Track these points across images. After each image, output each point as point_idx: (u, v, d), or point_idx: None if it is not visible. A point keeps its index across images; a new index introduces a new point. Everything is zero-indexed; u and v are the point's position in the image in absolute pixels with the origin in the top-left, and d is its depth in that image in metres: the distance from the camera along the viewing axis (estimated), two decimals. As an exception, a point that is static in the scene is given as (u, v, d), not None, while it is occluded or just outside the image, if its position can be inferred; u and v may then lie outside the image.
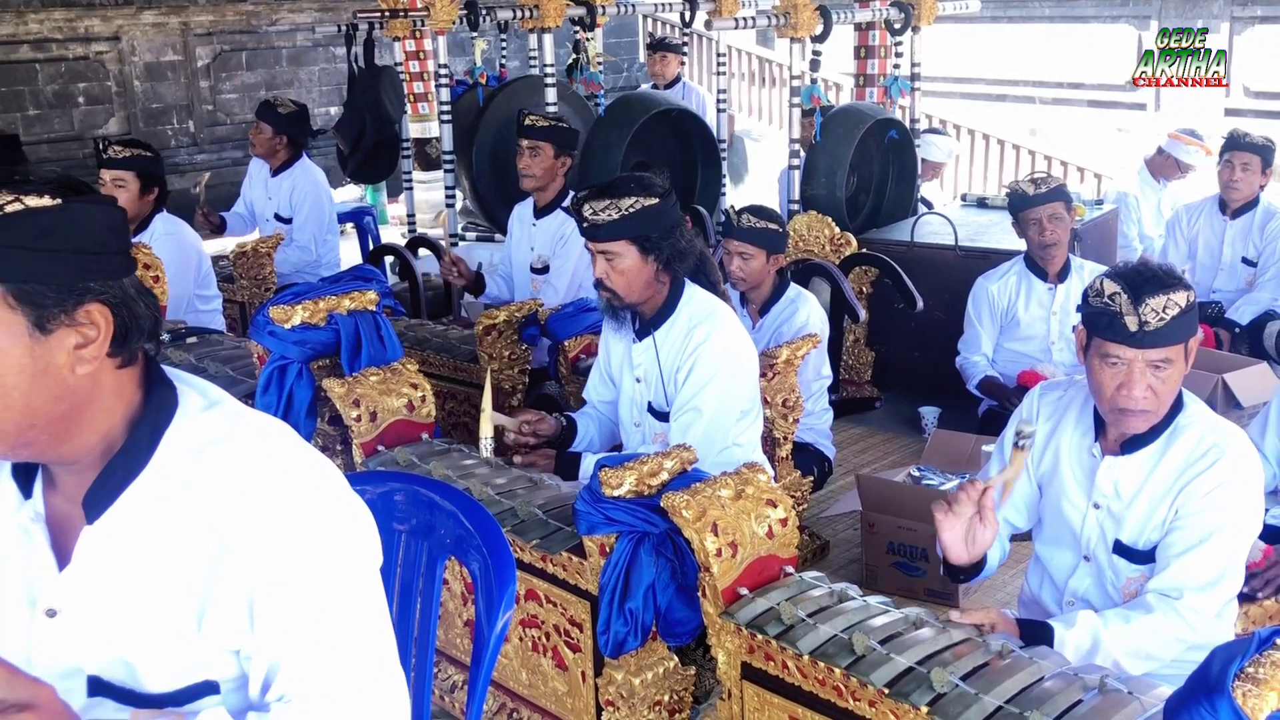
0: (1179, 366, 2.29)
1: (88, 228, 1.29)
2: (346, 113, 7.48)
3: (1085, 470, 2.48)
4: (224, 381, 3.55)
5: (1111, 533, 2.43)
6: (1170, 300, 2.22)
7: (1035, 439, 2.43)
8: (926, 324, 5.04)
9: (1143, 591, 2.37)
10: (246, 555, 1.33)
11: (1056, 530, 2.55)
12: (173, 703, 1.38)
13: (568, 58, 7.30)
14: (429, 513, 1.95)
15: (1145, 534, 2.38)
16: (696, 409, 3.04)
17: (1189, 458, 2.33)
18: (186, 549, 1.34)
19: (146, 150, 4.65)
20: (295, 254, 5.64)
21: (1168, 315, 2.22)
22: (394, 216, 9.78)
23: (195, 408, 1.41)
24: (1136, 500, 2.39)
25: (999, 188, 9.47)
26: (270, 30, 10.62)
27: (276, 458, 1.39)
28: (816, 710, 2.14)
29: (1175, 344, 2.26)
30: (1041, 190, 4.35)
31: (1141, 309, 2.22)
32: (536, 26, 6.02)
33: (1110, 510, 2.43)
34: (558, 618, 2.71)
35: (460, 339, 4.16)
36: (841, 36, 6.65)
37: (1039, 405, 2.60)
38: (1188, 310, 2.25)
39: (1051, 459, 2.55)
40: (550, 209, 4.71)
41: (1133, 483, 2.39)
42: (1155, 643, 2.28)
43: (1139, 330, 2.23)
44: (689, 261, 3.07)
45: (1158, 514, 2.36)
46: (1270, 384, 4.78)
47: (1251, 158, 5.37)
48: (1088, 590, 2.50)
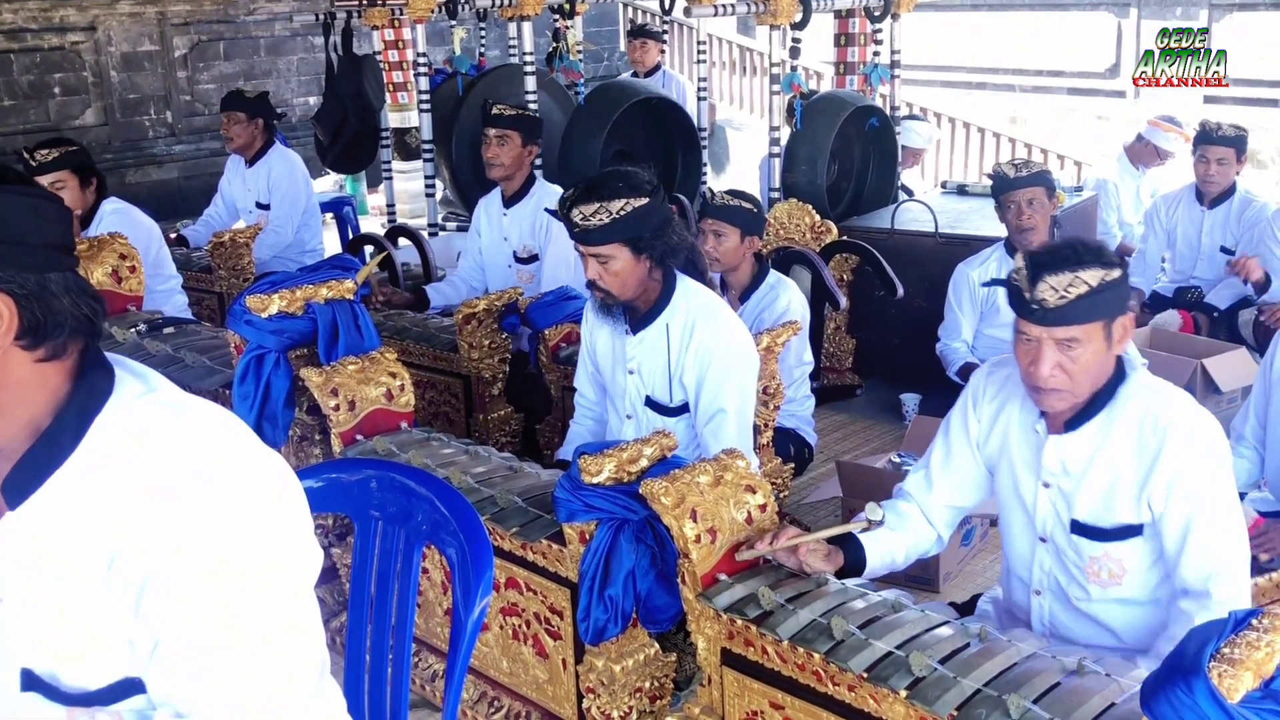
0: (1093, 347, 2.26)
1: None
2: (327, 102, 7.44)
3: (1032, 449, 2.46)
4: (201, 371, 3.53)
5: (1065, 512, 2.41)
6: (1077, 279, 2.20)
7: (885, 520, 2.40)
8: (907, 311, 5.04)
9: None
10: (150, 551, 1.27)
11: (1013, 513, 2.54)
12: (98, 701, 1.34)
13: (547, 46, 7.27)
14: (405, 499, 1.94)
15: (1109, 510, 2.36)
16: (723, 410, 3.04)
17: (1138, 432, 2.30)
18: (106, 540, 1.29)
19: (70, 145, 4.61)
20: (272, 238, 5.60)
21: (1070, 294, 2.20)
22: (374, 206, 9.74)
23: (131, 395, 1.36)
24: (1087, 477, 2.36)
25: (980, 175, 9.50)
26: (248, 20, 10.56)
27: (204, 451, 1.33)
28: (796, 695, 2.14)
29: (1083, 323, 2.23)
30: (1023, 174, 4.35)
31: (1039, 286, 2.21)
32: (516, 15, 6.00)
33: (1061, 489, 2.41)
34: (538, 605, 2.70)
35: (440, 328, 4.15)
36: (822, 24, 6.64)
37: (986, 384, 2.59)
38: (1101, 290, 2.21)
39: (1000, 439, 2.53)
40: (519, 197, 4.67)
41: (1080, 459, 2.37)
42: None
43: (1039, 307, 2.22)
44: (681, 256, 3.06)
45: (1120, 489, 2.33)
46: (1248, 369, 4.81)
47: (1225, 151, 5.39)
48: (1050, 575, 2.47)
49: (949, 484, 2.62)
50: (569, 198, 2.95)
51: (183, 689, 1.32)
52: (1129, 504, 2.33)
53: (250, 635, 1.31)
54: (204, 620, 1.29)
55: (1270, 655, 1.60)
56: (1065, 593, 2.46)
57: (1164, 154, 6.51)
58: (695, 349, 3.03)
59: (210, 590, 1.29)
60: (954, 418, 2.64)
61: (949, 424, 2.65)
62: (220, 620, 1.30)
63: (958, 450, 2.61)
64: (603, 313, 3.10)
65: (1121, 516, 2.34)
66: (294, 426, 3.29)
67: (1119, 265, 2.28)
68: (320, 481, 2.02)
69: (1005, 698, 1.83)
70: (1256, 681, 1.59)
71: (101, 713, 1.35)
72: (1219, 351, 4.89)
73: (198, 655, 1.30)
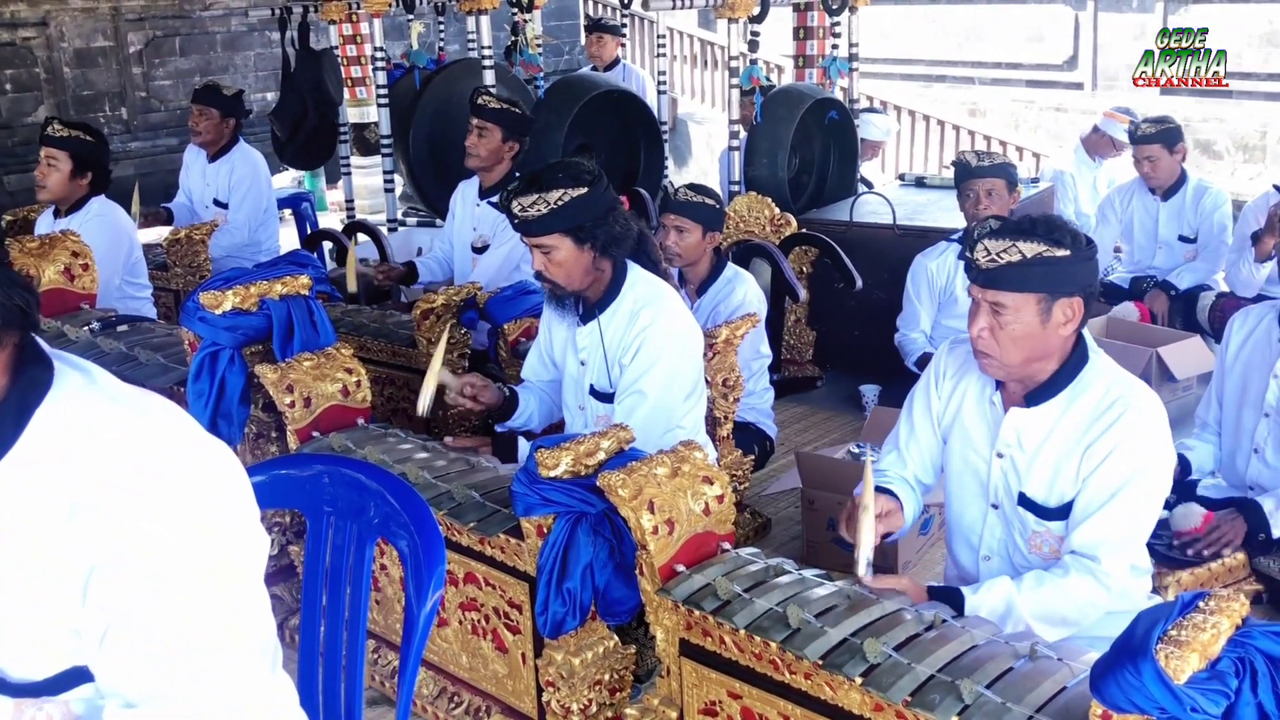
0: (1023, 318, 2.31)
1: None
2: (284, 98, 7.37)
3: (988, 421, 2.52)
4: (155, 369, 3.50)
5: (1015, 484, 2.47)
6: (1014, 247, 2.26)
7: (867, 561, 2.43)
8: (866, 303, 5.07)
9: (1062, 552, 2.41)
10: (94, 541, 1.27)
11: (964, 481, 2.60)
12: (45, 691, 1.34)
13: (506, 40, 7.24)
14: (357, 494, 1.92)
15: (1052, 489, 2.42)
16: (640, 392, 3.03)
17: (1093, 413, 2.36)
18: (49, 531, 1.29)
19: (89, 135, 4.64)
20: (228, 237, 5.55)
21: (1001, 259, 2.27)
22: (333, 202, 9.68)
23: (73, 388, 1.35)
24: (1040, 453, 2.43)
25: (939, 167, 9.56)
26: (204, 15, 10.44)
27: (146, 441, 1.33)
28: (753, 684, 2.15)
29: (1011, 290, 2.29)
30: (984, 163, 4.39)
31: (977, 247, 2.31)
32: (474, 8, 5.96)
33: (1013, 460, 2.47)
34: (496, 600, 2.70)
35: (398, 324, 4.12)
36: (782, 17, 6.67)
37: (947, 361, 2.66)
38: (1034, 262, 2.26)
39: (955, 410, 2.60)
40: (495, 190, 4.67)
41: (1036, 435, 2.43)
42: (1069, 606, 2.33)
43: (974, 267, 2.32)
44: (627, 244, 3.05)
45: (1065, 469, 2.39)
46: (1203, 357, 4.88)
47: (1151, 149, 5.44)
48: (1000, 541, 2.54)
49: (916, 460, 2.71)
50: (511, 190, 2.96)
51: (132, 678, 1.31)
52: (1071, 483, 2.38)
53: (198, 623, 1.31)
54: (151, 609, 1.29)
55: (1216, 637, 1.62)
56: (1011, 559, 2.52)
57: (1120, 145, 6.56)
58: (635, 333, 3.03)
59: (157, 579, 1.29)
60: (917, 395, 2.71)
61: (912, 401, 2.72)
62: (167, 609, 1.29)
63: (921, 427, 2.69)
64: (554, 303, 3.10)
65: (1064, 495, 2.40)
66: (250, 424, 3.26)
67: (1071, 247, 2.30)
68: (270, 478, 2.01)
69: (958, 683, 1.84)
70: (1203, 663, 1.61)
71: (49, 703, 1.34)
72: (1174, 340, 4.96)
73: (146, 644, 1.30)
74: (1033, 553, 2.48)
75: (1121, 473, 2.32)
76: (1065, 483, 2.40)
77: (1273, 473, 3.37)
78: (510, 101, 4.74)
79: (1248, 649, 1.63)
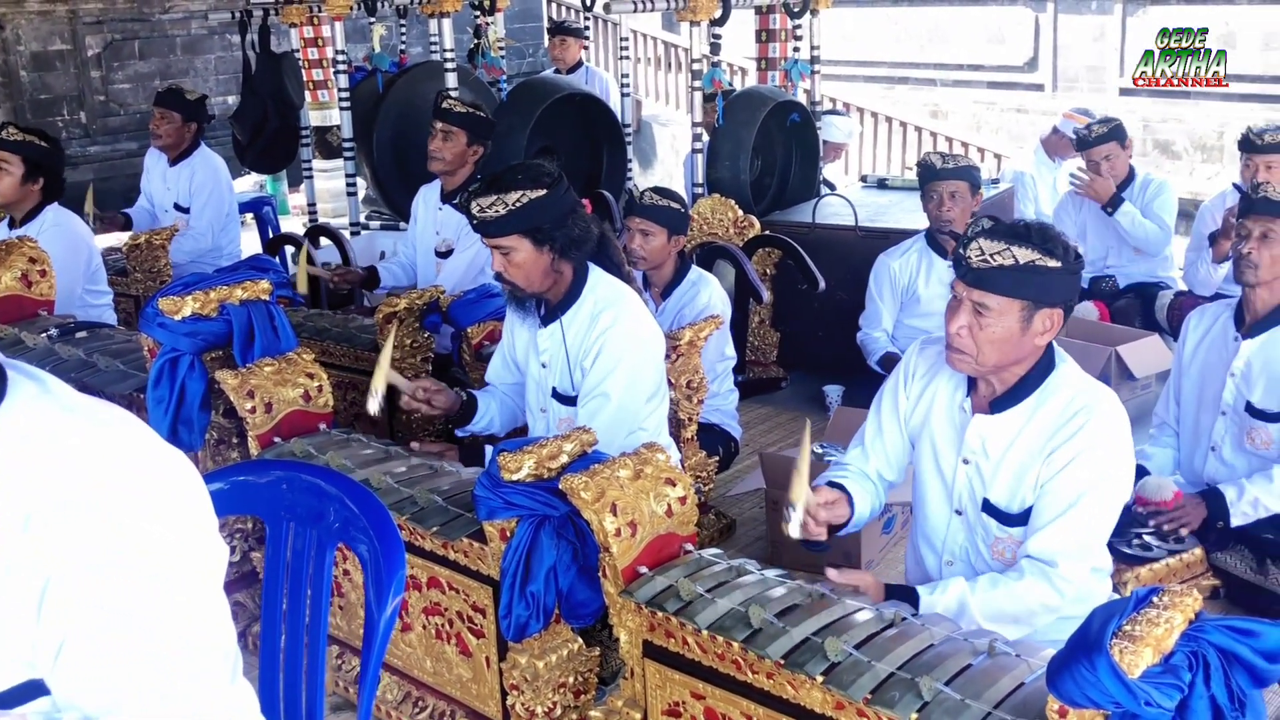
0: (1005, 322, 2.33)
1: None
2: (245, 101, 7.32)
3: (955, 426, 2.54)
4: (114, 376, 3.47)
5: (980, 490, 2.49)
6: (1007, 251, 2.28)
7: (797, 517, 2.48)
8: (830, 304, 5.09)
9: (1019, 556, 2.43)
10: (49, 553, 1.24)
11: (930, 485, 2.62)
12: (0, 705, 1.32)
13: (469, 43, 7.23)
14: (316, 500, 1.92)
15: (1015, 496, 2.44)
16: (604, 394, 3.03)
17: (1057, 420, 2.38)
18: (2, 544, 1.27)
19: (43, 140, 4.60)
20: (191, 243, 5.51)
21: (992, 261, 2.29)
22: (295, 206, 9.62)
23: (26, 397, 1.33)
24: (1005, 460, 2.45)
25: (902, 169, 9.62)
26: (163, 18, 10.35)
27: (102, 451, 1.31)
28: (716, 684, 2.16)
29: (998, 294, 2.31)
30: (948, 165, 4.43)
31: (971, 245, 2.32)
32: (436, 11, 5.95)
33: (979, 467, 2.49)
34: (460, 604, 2.69)
35: (360, 328, 4.10)
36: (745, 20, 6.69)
37: (917, 361, 2.67)
38: (1025, 269, 2.28)
39: (924, 412, 2.61)
40: (458, 194, 4.66)
41: (1001, 442, 2.45)
42: (1022, 608, 2.35)
43: (964, 264, 2.33)
44: (587, 247, 3.05)
45: (1027, 476, 2.41)
46: (1162, 355, 4.93)
47: (1109, 146, 5.49)
48: (963, 547, 2.57)
49: (880, 456, 2.73)
50: (471, 192, 2.97)
51: (90, 691, 1.30)
52: (1033, 490, 2.40)
53: (157, 634, 1.30)
54: (108, 621, 1.27)
55: (1169, 631, 1.65)
56: (973, 564, 2.54)
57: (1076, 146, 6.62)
58: (595, 336, 3.03)
59: (113, 590, 1.27)
60: (885, 393, 2.73)
61: (880, 399, 2.74)
62: (125, 620, 1.28)
63: (888, 425, 2.71)
64: (515, 305, 3.11)
65: (1026, 501, 2.42)
66: (211, 430, 3.24)
67: (1062, 260, 2.32)
68: (229, 484, 2.00)
69: (918, 680, 1.86)
70: (1157, 657, 1.64)
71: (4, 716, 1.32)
72: (1132, 339, 5.01)
73: (103, 657, 1.28)
74: (994, 559, 2.50)
75: (1081, 480, 2.34)
76: (1028, 489, 2.42)
77: (1229, 470, 3.42)
78: (474, 105, 4.73)
79: (1200, 643, 1.66)
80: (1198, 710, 1.64)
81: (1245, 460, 3.38)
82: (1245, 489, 3.26)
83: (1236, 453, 3.40)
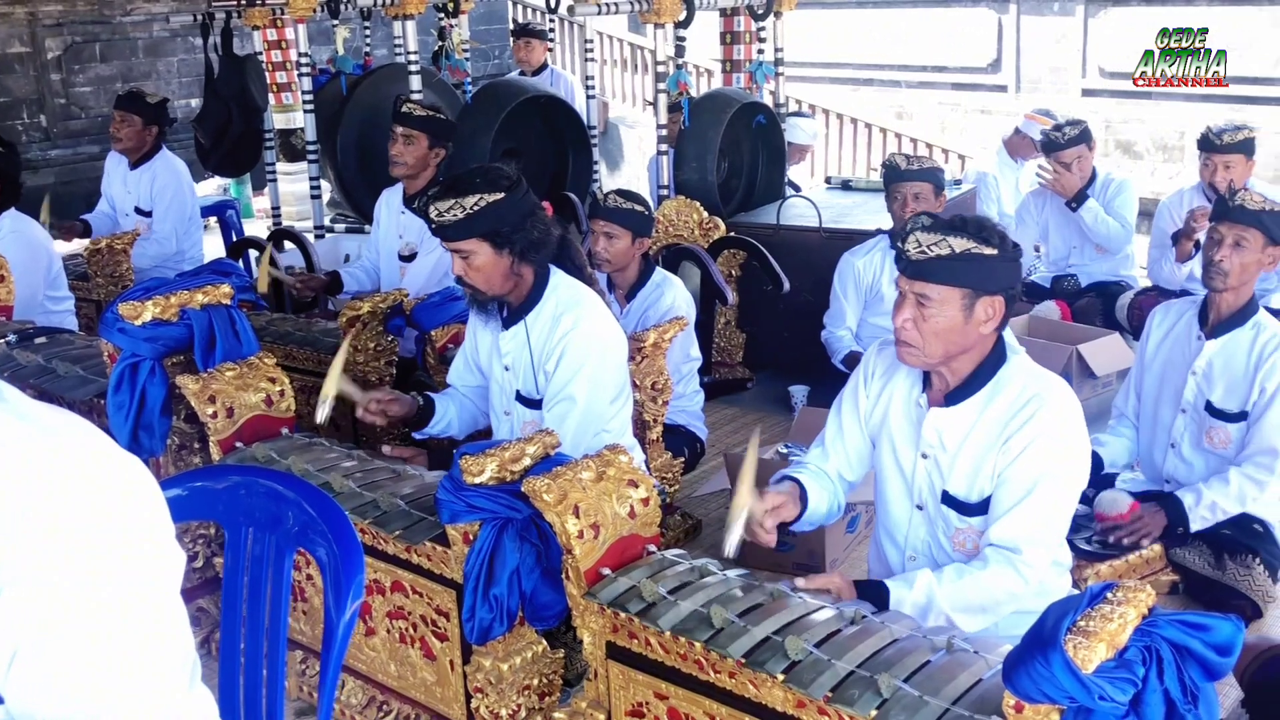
0: (947, 312, 2.37)
1: None
2: (208, 104, 7.29)
3: (912, 421, 2.58)
4: (74, 381, 3.44)
5: (939, 483, 2.53)
6: (944, 241, 2.33)
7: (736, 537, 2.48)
8: (795, 305, 5.12)
9: (982, 545, 2.45)
10: (3, 564, 1.24)
11: (890, 481, 2.65)
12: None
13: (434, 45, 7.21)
14: (274, 504, 1.91)
15: (973, 486, 2.48)
16: (570, 397, 3.03)
17: (1010, 409, 2.42)
18: None
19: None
20: (155, 247, 5.47)
21: (930, 252, 2.34)
22: (259, 209, 9.56)
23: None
24: (961, 451, 2.48)
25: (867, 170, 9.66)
26: (124, 20, 10.26)
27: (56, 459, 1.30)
28: (679, 684, 2.16)
29: (937, 283, 2.36)
30: (913, 167, 4.46)
31: (909, 239, 2.38)
32: (399, 13, 5.94)
33: (937, 461, 2.52)
34: (424, 608, 2.69)
35: (324, 332, 4.09)
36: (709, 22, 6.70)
37: (876, 361, 2.71)
38: (961, 257, 2.33)
39: (883, 410, 2.65)
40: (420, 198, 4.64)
41: (957, 434, 2.48)
42: (988, 596, 2.38)
43: (903, 258, 2.39)
44: (547, 249, 3.05)
45: (985, 466, 2.45)
46: (1123, 354, 4.99)
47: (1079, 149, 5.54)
48: (924, 541, 2.60)
49: (840, 456, 2.75)
50: (429, 196, 2.95)
51: (45, 700, 1.28)
52: (990, 479, 2.43)
53: (112, 642, 1.29)
54: (63, 630, 1.26)
55: (1123, 627, 1.67)
56: (935, 559, 2.57)
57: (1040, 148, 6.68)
58: (558, 339, 3.04)
59: (68, 598, 1.26)
60: (846, 393, 2.77)
61: (841, 399, 2.77)
62: (80, 629, 1.27)
63: (848, 425, 2.74)
64: (477, 309, 3.10)
65: (984, 491, 2.45)
66: (172, 435, 3.22)
67: (999, 248, 2.37)
68: (187, 490, 1.99)
69: (877, 678, 1.87)
70: (1111, 652, 1.66)
71: None
72: (1094, 338, 5.06)
73: (58, 665, 1.27)
74: (956, 550, 2.53)
75: (1038, 466, 2.38)
76: (985, 479, 2.46)
77: (1188, 467, 3.46)
78: (434, 107, 4.72)
79: (1154, 638, 1.68)
80: (1151, 704, 1.66)
81: (1203, 459, 3.42)
82: (1203, 494, 3.29)
83: (1195, 450, 3.44)
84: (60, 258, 4.74)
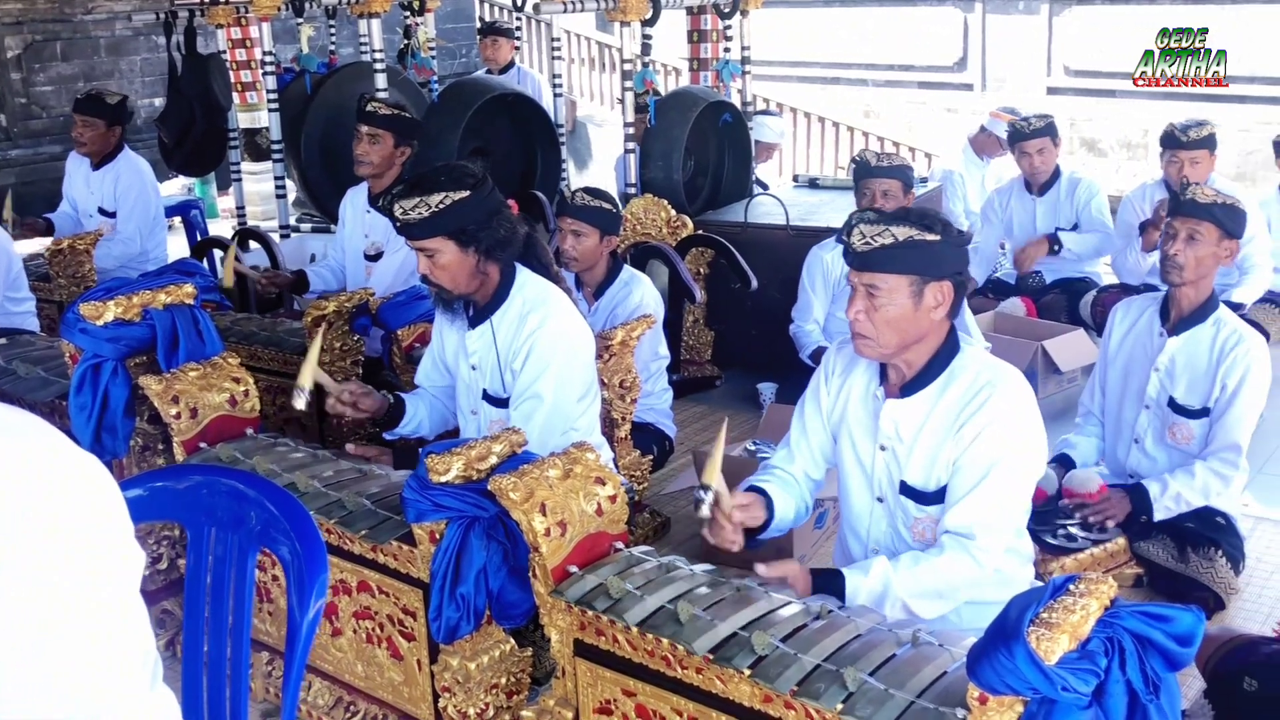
0: (897, 300, 2.40)
1: None
2: (171, 103, 7.23)
3: (870, 414, 2.60)
4: (35, 383, 3.40)
5: (897, 474, 2.55)
6: (886, 231, 2.37)
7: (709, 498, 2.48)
8: (763, 303, 5.12)
9: (938, 533, 2.48)
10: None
11: (852, 475, 2.67)
12: None
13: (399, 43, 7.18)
14: (236, 504, 1.89)
15: (930, 475, 2.50)
16: (537, 395, 3.02)
17: (964, 397, 2.45)
18: None
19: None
20: (119, 248, 5.41)
21: (874, 242, 2.37)
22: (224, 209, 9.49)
23: None
24: (917, 442, 2.51)
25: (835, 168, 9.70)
26: (86, 19, 10.15)
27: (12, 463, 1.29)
28: (647, 681, 2.16)
29: (885, 272, 2.39)
30: (882, 164, 4.48)
31: (853, 232, 2.41)
32: (364, 11, 5.91)
33: (895, 452, 2.55)
34: (390, 608, 2.67)
35: (289, 332, 4.06)
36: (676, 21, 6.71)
37: (836, 358, 2.74)
38: (905, 245, 2.36)
39: (843, 406, 2.67)
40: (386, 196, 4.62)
41: (912, 424, 2.51)
42: (944, 582, 2.41)
43: (850, 251, 2.42)
44: (513, 248, 3.04)
45: (940, 455, 2.47)
46: (1087, 349, 5.03)
47: (1043, 140, 5.62)
48: (886, 533, 2.62)
49: (805, 456, 2.77)
50: (394, 194, 2.94)
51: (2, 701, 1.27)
52: (946, 468, 2.46)
53: (71, 642, 1.27)
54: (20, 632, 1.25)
55: (1085, 618, 1.68)
56: (896, 551, 2.58)
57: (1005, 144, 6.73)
58: (524, 337, 3.03)
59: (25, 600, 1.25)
60: (809, 393, 2.78)
61: (804, 399, 2.79)
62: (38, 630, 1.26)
63: (811, 424, 2.75)
64: (443, 308, 3.09)
65: (941, 480, 2.48)
66: (136, 436, 3.19)
67: (942, 234, 2.40)
68: (148, 491, 1.97)
69: (843, 671, 1.88)
70: (1073, 643, 1.67)
71: None
72: (1058, 334, 5.11)
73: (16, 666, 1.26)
74: (916, 540, 2.56)
75: (991, 453, 2.40)
76: (941, 468, 2.48)
77: (1151, 462, 3.50)
78: (399, 106, 4.70)
79: (1116, 629, 1.69)
80: (1114, 694, 1.68)
81: (1167, 454, 3.46)
82: (1168, 485, 3.33)
83: (1159, 446, 3.48)
84: (21, 258, 4.69)
